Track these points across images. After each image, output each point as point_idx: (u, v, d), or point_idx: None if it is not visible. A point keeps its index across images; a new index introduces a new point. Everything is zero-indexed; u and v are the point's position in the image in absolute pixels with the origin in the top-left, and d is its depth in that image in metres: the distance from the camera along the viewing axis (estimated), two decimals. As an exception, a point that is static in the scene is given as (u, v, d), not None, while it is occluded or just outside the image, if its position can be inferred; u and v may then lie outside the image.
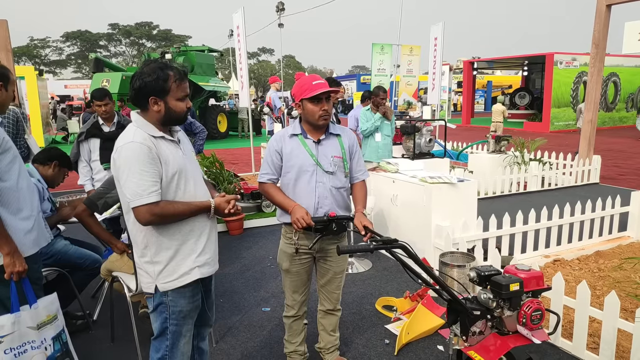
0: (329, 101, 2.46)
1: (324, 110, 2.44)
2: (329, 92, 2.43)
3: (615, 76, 21.30)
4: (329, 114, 2.47)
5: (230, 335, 3.34)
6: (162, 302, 2.05)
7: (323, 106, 2.44)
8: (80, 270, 3.36)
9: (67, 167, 3.59)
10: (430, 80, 11.37)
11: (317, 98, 2.42)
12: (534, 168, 7.94)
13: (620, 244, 4.87)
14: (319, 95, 2.41)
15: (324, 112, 2.45)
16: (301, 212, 2.37)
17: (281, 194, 2.54)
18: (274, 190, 2.56)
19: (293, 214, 2.39)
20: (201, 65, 18.16)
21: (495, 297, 2.08)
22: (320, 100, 2.43)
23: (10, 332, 2.25)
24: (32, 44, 56.13)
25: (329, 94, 2.44)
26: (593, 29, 7.70)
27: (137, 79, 1.95)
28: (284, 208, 2.50)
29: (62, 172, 3.55)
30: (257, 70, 60.80)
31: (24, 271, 2.25)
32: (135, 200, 1.88)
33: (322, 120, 2.46)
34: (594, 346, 2.96)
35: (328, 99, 2.46)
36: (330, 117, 2.50)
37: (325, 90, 2.41)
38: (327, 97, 2.45)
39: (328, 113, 2.46)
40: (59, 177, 3.54)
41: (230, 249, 5.20)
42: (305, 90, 2.44)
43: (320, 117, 2.45)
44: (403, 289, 4.00)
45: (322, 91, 2.40)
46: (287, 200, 2.49)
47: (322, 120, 2.47)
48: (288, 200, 2.48)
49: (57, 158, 3.47)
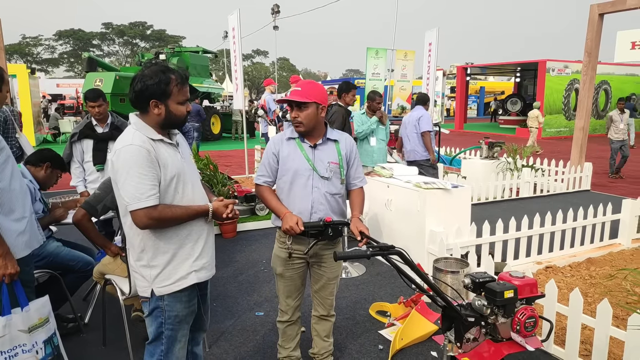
0: (300, 109, 2.45)
1: (293, 118, 2.48)
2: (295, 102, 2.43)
3: (606, 84, 21.56)
4: (299, 122, 2.46)
5: (224, 340, 3.32)
6: (158, 306, 2.04)
7: (292, 114, 2.47)
8: (73, 273, 3.32)
9: (60, 169, 3.56)
10: (424, 85, 11.42)
11: (289, 105, 2.48)
12: (526, 174, 8.01)
13: (611, 251, 4.92)
14: (289, 103, 2.47)
15: (293, 119, 2.48)
16: (292, 221, 2.36)
17: (275, 199, 2.54)
18: (268, 194, 2.56)
19: (285, 222, 2.39)
20: (195, 67, 18.13)
21: (490, 304, 2.09)
22: (292, 108, 2.47)
23: (1, 336, 2.22)
24: (24, 41, 55.69)
25: (299, 103, 2.44)
26: (586, 37, 7.79)
27: (138, 81, 1.94)
28: (276, 213, 2.51)
29: (55, 173, 3.51)
30: (251, 72, 60.74)
31: (16, 273, 2.23)
32: (133, 203, 1.87)
33: (295, 126, 2.50)
34: (586, 353, 2.98)
35: (299, 106, 2.45)
36: (303, 126, 2.47)
37: (289, 99, 2.45)
38: (298, 104, 2.44)
39: (297, 121, 2.46)
40: (52, 179, 3.51)
41: (223, 252, 5.17)
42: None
43: (294, 124, 2.50)
44: (397, 294, 4.00)
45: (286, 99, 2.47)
46: (280, 207, 2.49)
47: (295, 126, 2.50)
48: (281, 207, 2.48)
49: (49, 160, 3.44)
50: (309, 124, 2.47)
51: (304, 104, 2.43)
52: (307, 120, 2.45)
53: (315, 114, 2.46)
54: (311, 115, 2.45)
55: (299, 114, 2.45)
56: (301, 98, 2.41)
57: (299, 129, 2.49)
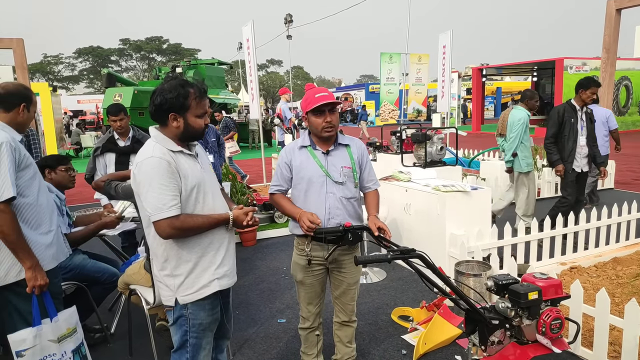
0: (332, 113, 2.46)
1: (327, 122, 2.45)
2: (333, 104, 2.44)
3: (626, 80, 21.09)
4: (333, 126, 2.48)
5: (247, 347, 3.35)
6: (182, 314, 2.07)
7: (326, 118, 2.45)
8: (98, 284, 3.39)
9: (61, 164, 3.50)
10: (440, 88, 11.38)
11: (319, 110, 2.44)
12: (547, 174, 7.88)
13: (637, 250, 4.80)
14: (321, 107, 2.43)
15: (327, 124, 2.45)
16: (307, 215, 2.38)
17: (289, 203, 2.56)
18: (282, 200, 2.59)
19: (301, 222, 2.40)
20: (211, 78, 18.38)
21: (514, 306, 2.06)
22: (323, 112, 2.45)
23: (32, 346, 2.29)
24: (45, 60, 57.25)
25: (333, 106, 2.45)
26: (603, 33, 7.67)
27: (158, 95, 1.99)
28: (291, 216, 2.52)
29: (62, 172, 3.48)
30: (266, 81, 61.25)
31: (46, 285, 2.30)
32: (156, 214, 1.91)
33: (326, 132, 2.47)
34: (615, 355, 2.91)
35: (332, 111, 2.46)
36: (335, 129, 2.50)
37: (325, 102, 2.41)
38: (331, 109, 2.45)
39: (331, 125, 2.46)
40: (64, 179, 3.50)
41: (244, 261, 5.21)
42: (309, 103, 2.48)
43: (323, 129, 2.47)
44: (418, 298, 3.98)
45: (322, 103, 2.41)
46: (294, 208, 2.51)
47: (326, 132, 2.47)
48: (295, 208, 2.50)
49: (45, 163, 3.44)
50: (337, 127, 2.52)
51: (335, 107, 2.46)
52: (337, 124, 2.50)
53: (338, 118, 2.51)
54: (338, 119, 2.51)
55: (332, 117, 2.46)
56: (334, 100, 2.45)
57: (331, 133, 2.49)
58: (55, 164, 3.48)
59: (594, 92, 4.88)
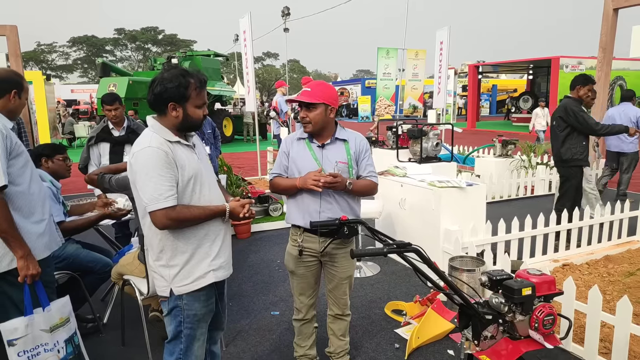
0: (308, 110, 2.49)
1: (301, 117, 2.52)
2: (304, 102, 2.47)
3: (621, 80, 21.22)
4: (307, 122, 2.51)
5: (240, 339, 3.35)
6: (177, 305, 2.07)
7: (301, 113, 2.52)
8: (92, 274, 3.38)
9: (59, 153, 3.48)
10: (436, 84, 11.38)
11: (300, 104, 2.51)
12: (541, 172, 7.93)
13: (629, 248, 4.85)
14: (299, 104, 2.51)
15: (302, 119, 2.53)
16: (309, 174, 2.42)
17: (286, 180, 2.59)
18: (280, 179, 2.62)
19: (305, 183, 2.41)
20: (207, 70, 18.24)
21: (507, 301, 2.07)
22: (302, 108, 2.51)
23: (23, 335, 2.27)
24: (39, 49, 56.64)
25: (308, 103, 2.47)
26: (600, 32, 7.68)
27: (158, 83, 1.97)
28: (291, 187, 2.53)
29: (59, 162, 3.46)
30: (262, 74, 61.01)
31: (38, 274, 2.28)
32: (152, 204, 1.90)
33: (303, 126, 2.54)
34: (606, 351, 2.94)
35: (308, 106, 2.49)
36: (311, 125, 2.51)
37: (294, 100, 2.59)
38: (307, 105, 2.48)
39: (305, 120, 2.51)
40: (60, 169, 3.48)
41: (238, 253, 5.21)
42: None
43: (302, 123, 2.54)
44: (412, 293, 3.99)
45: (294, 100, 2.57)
46: (291, 181, 2.54)
47: (304, 126, 2.54)
48: (292, 180, 2.53)
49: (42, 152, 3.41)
50: (317, 124, 2.51)
51: (312, 104, 2.47)
52: (315, 121, 2.49)
53: (324, 114, 2.50)
54: (319, 116, 2.49)
55: (307, 114, 2.50)
56: (310, 99, 2.46)
57: (307, 129, 2.54)
58: (53, 152, 3.45)
59: (590, 88, 4.87)
